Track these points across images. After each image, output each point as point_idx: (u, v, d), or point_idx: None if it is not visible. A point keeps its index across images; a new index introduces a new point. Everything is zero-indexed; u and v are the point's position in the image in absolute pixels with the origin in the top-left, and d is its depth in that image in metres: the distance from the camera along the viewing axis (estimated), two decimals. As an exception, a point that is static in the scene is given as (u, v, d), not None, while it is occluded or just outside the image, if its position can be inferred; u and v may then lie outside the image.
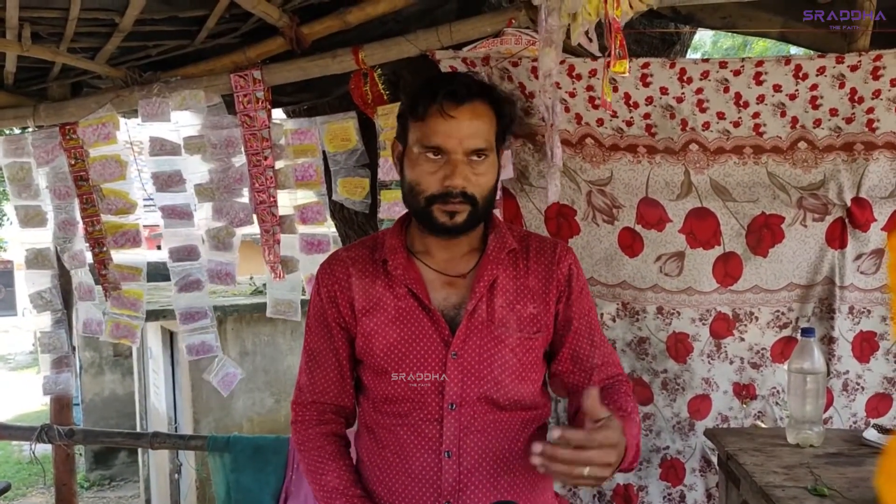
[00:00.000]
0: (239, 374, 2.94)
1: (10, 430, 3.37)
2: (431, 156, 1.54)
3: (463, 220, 1.55)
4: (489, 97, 1.58)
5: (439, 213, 1.55)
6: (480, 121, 1.55)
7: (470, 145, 1.53)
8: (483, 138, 1.54)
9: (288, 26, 2.35)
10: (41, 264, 2.93)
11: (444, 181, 1.53)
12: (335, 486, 1.61)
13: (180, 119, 2.60)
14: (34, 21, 2.26)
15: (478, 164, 1.54)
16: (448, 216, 1.55)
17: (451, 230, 1.57)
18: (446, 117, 1.53)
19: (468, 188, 1.53)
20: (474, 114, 1.54)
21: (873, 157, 2.15)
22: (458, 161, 1.53)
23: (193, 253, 2.75)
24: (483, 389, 1.57)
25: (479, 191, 1.55)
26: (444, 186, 1.53)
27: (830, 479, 1.75)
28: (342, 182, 2.53)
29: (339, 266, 1.69)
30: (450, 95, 1.53)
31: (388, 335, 1.60)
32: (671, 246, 2.29)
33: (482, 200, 1.56)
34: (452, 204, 1.53)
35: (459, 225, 1.56)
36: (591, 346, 1.69)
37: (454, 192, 1.53)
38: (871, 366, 2.31)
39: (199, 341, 2.83)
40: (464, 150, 1.53)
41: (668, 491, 2.39)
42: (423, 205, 1.56)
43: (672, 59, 2.11)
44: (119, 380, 9.65)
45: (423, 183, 1.56)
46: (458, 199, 1.53)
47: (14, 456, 10.94)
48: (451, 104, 1.53)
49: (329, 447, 1.67)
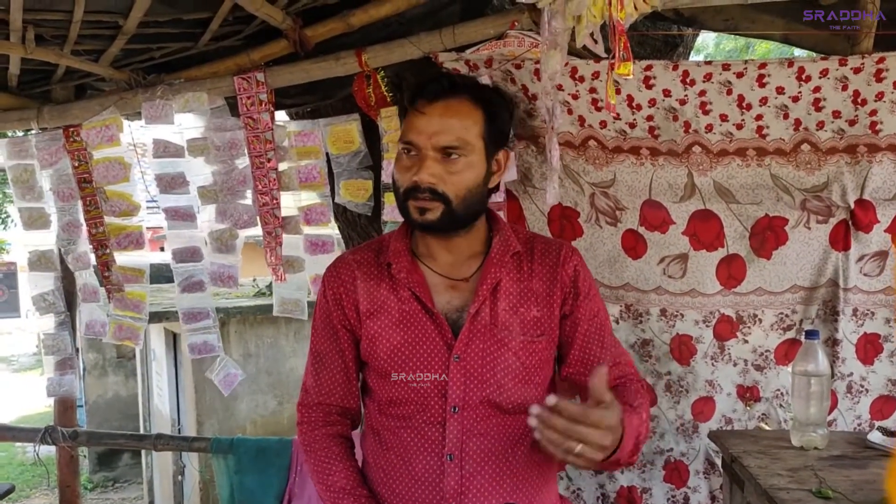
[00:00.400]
0: (240, 374, 2.94)
1: (14, 432, 3.38)
2: (406, 152, 1.57)
3: (436, 218, 1.54)
4: (475, 96, 1.58)
5: (412, 208, 1.56)
6: (455, 118, 1.54)
7: (439, 142, 1.53)
8: (455, 136, 1.53)
9: (291, 29, 2.35)
10: (44, 266, 2.93)
11: (413, 176, 1.54)
12: (342, 486, 1.62)
13: (184, 121, 2.61)
14: (38, 23, 2.26)
15: (451, 163, 1.54)
16: (419, 212, 1.55)
17: (423, 227, 1.58)
18: (418, 114, 1.55)
19: (438, 185, 1.53)
20: (448, 111, 1.54)
21: (876, 160, 2.15)
22: (425, 156, 1.53)
23: (196, 254, 2.75)
24: (485, 393, 1.57)
25: (452, 189, 1.54)
26: (412, 181, 1.54)
27: (835, 481, 1.74)
28: (345, 184, 2.53)
29: (344, 269, 1.69)
30: (422, 92, 1.55)
31: (392, 338, 1.60)
32: (674, 248, 2.29)
33: (457, 199, 1.55)
34: (421, 200, 1.54)
35: (432, 223, 1.55)
36: (601, 348, 1.69)
37: (420, 186, 1.53)
38: (875, 368, 2.30)
39: (201, 341, 2.84)
40: (433, 146, 1.53)
41: (672, 493, 2.39)
42: (401, 200, 1.58)
43: (675, 62, 2.11)
44: (122, 382, 9.66)
45: (398, 179, 1.58)
46: (425, 196, 1.53)
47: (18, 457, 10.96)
48: (423, 101, 1.55)
49: (335, 448, 1.68)
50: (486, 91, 1.64)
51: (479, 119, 1.57)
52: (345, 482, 1.62)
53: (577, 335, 1.67)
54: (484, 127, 1.57)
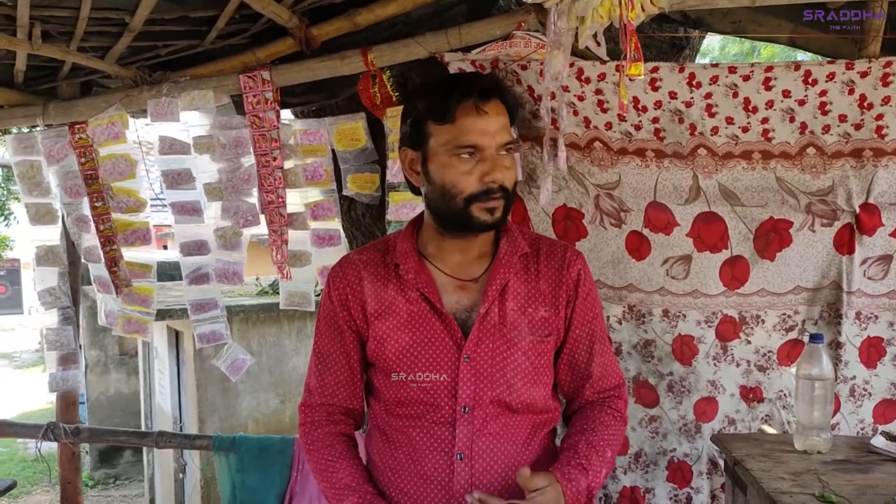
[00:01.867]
0: (248, 360, 2.96)
1: (16, 428, 3.38)
2: (465, 156, 1.54)
3: (500, 215, 1.57)
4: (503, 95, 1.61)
5: (480, 211, 1.55)
6: (504, 116, 1.58)
7: (502, 139, 1.55)
8: (509, 132, 1.57)
9: (297, 27, 2.35)
10: (51, 261, 2.95)
11: (483, 178, 1.54)
12: (347, 482, 1.61)
13: (189, 119, 2.61)
14: (45, 20, 2.27)
15: (506, 158, 1.56)
16: (489, 213, 1.55)
17: (491, 227, 1.59)
18: (481, 114, 1.54)
19: (504, 182, 1.55)
20: (499, 109, 1.57)
21: (882, 164, 2.15)
22: (494, 157, 1.54)
23: (204, 248, 2.77)
24: (496, 393, 1.57)
25: (510, 184, 1.58)
26: (484, 183, 1.54)
27: (838, 485, 1.74)
28: (352, 178, 2.54)
29: (350, 269, 1.69)
30: (482, 93, 1.54)
31: (401, 339, 1.60)
32: (678, 249, 2.28)
33: (512, 194, 1.60)
34: (493, 200, 1.55)
35: (499, 220, 1.58)
36: (589, 355, 1.69)
37: (495, 187, 1.54)
38: (878, 371, 2.30)
39: (209, 330, 2.86)
40: (497, 146, 1.54)
41: (675, 493, 2.39)
42: (461, 206, 1.55)
43: (681, 64, 2.10)
44: (124, 379, 9.67)
45: (459, 184, 1.55)
46: (498, 195, 1.55)
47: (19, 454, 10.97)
48: (483, 101, 1.55)
49: (339, 446, 1.67)
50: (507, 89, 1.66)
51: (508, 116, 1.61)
52: (349, 479, 1.61)
53: (567, 340, 1.68)
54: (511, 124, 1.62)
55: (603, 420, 1.66)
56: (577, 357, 1.69)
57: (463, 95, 1.53)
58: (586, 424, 1.66)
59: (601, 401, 1.71)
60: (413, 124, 1.62)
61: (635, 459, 2.39)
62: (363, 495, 1.59)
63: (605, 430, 1.65)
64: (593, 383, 1.70)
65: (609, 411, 1.69)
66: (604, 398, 1.71)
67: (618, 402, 1.72)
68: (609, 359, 1.75)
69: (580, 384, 1.71)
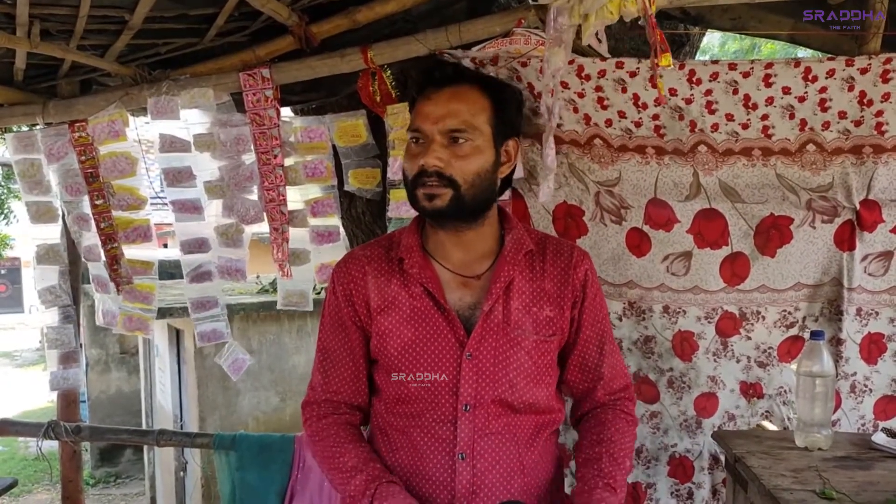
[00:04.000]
0: (248, 359, 2.96)
1: (17, 427, 3.38)
2: (414, 141, 1.57)
3: (444, 204, 1.53)
4: (483, 85, 1.59)
5: (421, 196, 1.55)
6: (463, 103, 1.55)
7: (446, 125, 1.53)
8: (461, 119, 1.53)
9: (297, 25, 2.35)
10: (52, 260, 2.95)
11: (419, 162, 1.54)
12: (353, 464, 1.58)
13: (189, 117, 2.61)
14: (44, 18, 2.27)
15: (458, 147, 1.53)
16: (427, 199, 1.54)
17: (431, 214, 1.57)
18: (425, 100, 1.56)
19: (445, 169, 1.52)
20: (455, 97, 1.55)
21: (882, 161, 2.15)
22: (432, 141, 1.53)
23: (204, 245, 2.77)
24: (498, 391, 1.56)
25: (459, 173, 1.53)
26: (419, 166, 1.53)
27: (839, 482, 1.74)
28: (353, 173, 2.54)
29: (354, 265, 1.68)
30: (429, 79, 1.56)
31: (403, 334, 1.59)
32: (679, 246, 2.28)
33: (465, 184, 1.54)
34: (428, 186, 1.53)
35: (441, 209, 1.54)
36: (599, 355, 1.69)
37: (428, 171, 1.52)
38: (878, 367, 2.30)
39: (210, 329, 2.86)
40: (440, 131, 1.53)
41: (677, 487, 2.39)
42: (410, 190, 1.57)
43: (681, 61, 2.10)
44: (125, 377, 9.68)
45: (407, 167, 1.58)
46: (433, 181, 1.52)
47: (20, 452, 10.98)
48: (431, 88, 1.56)
49: (343, 433, 1.64)
50: (494, 80, 1.65)
51: (486, 106, 1.57)
52: (355, 461, 1.58)
53: (578, 340, 1.68)
54: (492, 114, 1.58)
55: (619, 427, 1.65)
56: (588, 358, 1.69)
57: (422, 82, 1.57)
58: (604, 433, 1.64)
59: (613, 403, 1.70)
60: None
61: (637, 455, 2.39)
62: (370, 472, 1.55)
63: (622, 438, 1.63)
64: (605, 384, 1.69)
65: (622, 416, 1.68)
66: (615, 400, 1.71)
67: (628, 404, 1.72)
68: (617, 359, 1.75)
69: (591, 385, 1.70)
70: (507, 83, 1.75)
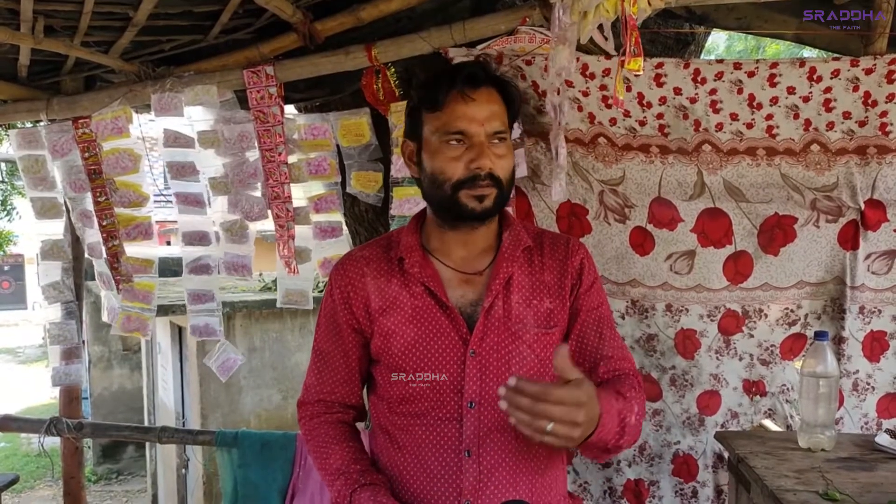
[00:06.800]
0: (239, 359, 2.96)
1: (20, 423, 3.38)
2: (454, 142, 1.54)
3: (491, 203, 1.55)
4: (497, 84, 1.60)
5: (467, 198, 1.54)
6: (496, 104, 1.56)
7: (492, 127, 1.54)
8: (501, 120, 1.56)
9: (301, 22, 2.35)
10: (55, 255, 2.95)
11: (470, 164, 1.53)
12: (337, 466, 1.60)
13: (193, 114, 2.61)
14: (48, 14, 2.27)
15: (498, 147, 1.55)
16: (477, 200, 1.54)
17: (480, 215, 1.57)
18: (468, 101, 1.53)
19: (494, 170, 1.53)
20: (490, 97, 1.56)
21: (886, 161, 2.14)
22: (482, 143, 1.53)
23: (205, 239, 2.78)
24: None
25: (503, 173, 1.55)
26: (470, 170, 1.53)
27: (842, 483, 1.74)
28: (356, 175, 2.54)
29: (352, 266, 1.68)
30: (468, 79, 1.54)
31: (406, 334, 1.59)
32: (682, 245, 2.28)
33: (506, 183, 1.57)
34: (481, 187, 1.53)
35: (489, 209, 1.56)
36: (598, 339, 1.68)
37: (482, 174, 1.52)
38: (881, 365, 2.30)
39: (203, 323, 2.87)
40: (486, 133, 1.53)
41: (681, 486, 2.39)
42: (449, 193, 1.55)
43: (686, 60, 2.10)
44: (127, 374, 9.70)
45: (447, 170, 1.55)
46: (486, 182, 1.53)
47: (22, 448, 11.01)
48: (470, 88, 1.54)
49: (332, 432, 1.67)
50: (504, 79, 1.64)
51: (504, 106, 1.59)
52: (339, 463, 1.60)
53: (574, 326, 1.67)
54: (507, 114, 1.60)
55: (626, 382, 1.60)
56: (587, 341, 1.67)
57: (451, 83, 1.54)
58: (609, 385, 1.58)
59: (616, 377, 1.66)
60: (410, 115, 1.63)
61: (640, 452, 2.39)
62: (349, 476, 1.57)
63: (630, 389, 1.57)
64: (607, 363, 1.65)
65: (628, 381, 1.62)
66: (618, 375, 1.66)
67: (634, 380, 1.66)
68: (620, 344, 1.71)
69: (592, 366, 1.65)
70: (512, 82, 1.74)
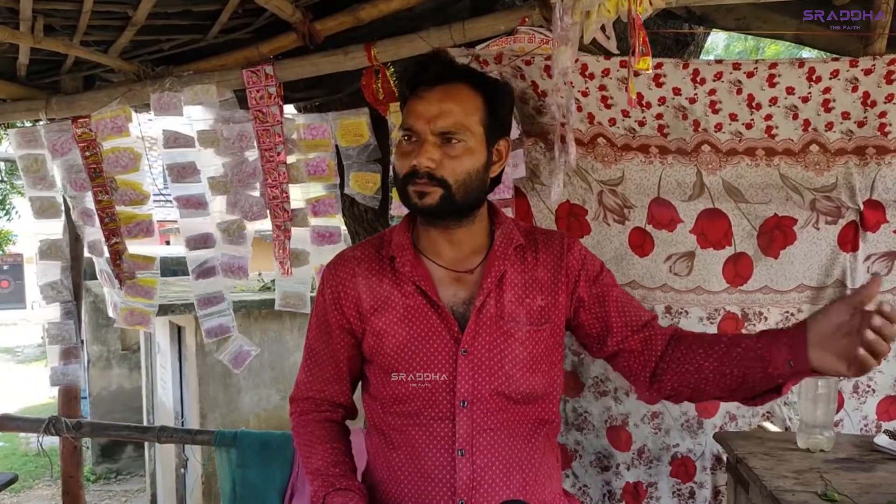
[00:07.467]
0: (253, 350, 2.96)
1: (18, 422, 3.38)
2: (406, 139, 1.56)
3: (434, 202, 1.53)
4: (474, 83, 1.57)
5: (412, 193, 1.54)
6: (455, 103, 1.53)
7: (438, 126, 1.52)
8: (454, 120, 1.52)
9: (301, 22, 2.35)
10: (54, 255, 2.96)
11: (411, 161, 1.53)
12: (317, 467, 1.62)
13: (192, 113, 2.61)
14: (47, 13, 2.27)
15: (450, 147, 1.52)
16: (417, 196, 1.54)
17: (422, 211, 1.57)
18: (417, 99, 1.54)
19: (437, 170, 1.51)
20: (448, 96, 1.53)
21: (885, 162, 2.14)
22: (424, 141, 1.52)
23: (209, 241, 2.77)
24: (494, 385, 1.56)
25: (451, 175, 1.52)
26: (411, 166, 1.53)
27: (841, 484, 1.74)
28: (354, 176, 2.54)
29: (343, 267, 1.68)
30: (422, 78, 1.54)
31: (398, 333, 1.59)
32: (681, 246, 2.28)
33: (456, 185, 1.53)
34: (419, 184, 1.52)
35: (431, 207, 1.54)
36: (638, 308, 1.68)
37: (419, 171, 1.52)
38: (881, 368, 2.29)
39: (216, 324, 2.89)
40: (432, 131, 1.52)
41: (678, 487, 2.39)
42: (400, 187, 1.57)
43: (685, 60, 2.10)
44: (126, 374, 9.68)
45: (397, 166, 1.57)
46: (423, 180, 1.52)
47: (21, 448, 10.99)
48: (423, 86, 1.54)
49: (318, 431, 1.69)
50: (486, 78, 1.62)
51: (479, 105, 1.56)
52: (320, 463, 1.63)
53: (610, 306, 1.66)
54: (484, 114, 1.56)
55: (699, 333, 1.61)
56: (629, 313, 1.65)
57: (414, 80, 1.55)
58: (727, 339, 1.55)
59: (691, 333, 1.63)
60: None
61: (639, 455, 2.39)
62: (326, 478, 1.59)
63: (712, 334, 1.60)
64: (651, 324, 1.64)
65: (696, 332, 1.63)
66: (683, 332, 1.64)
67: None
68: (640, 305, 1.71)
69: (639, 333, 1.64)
70: (500, 81, 1.73)
